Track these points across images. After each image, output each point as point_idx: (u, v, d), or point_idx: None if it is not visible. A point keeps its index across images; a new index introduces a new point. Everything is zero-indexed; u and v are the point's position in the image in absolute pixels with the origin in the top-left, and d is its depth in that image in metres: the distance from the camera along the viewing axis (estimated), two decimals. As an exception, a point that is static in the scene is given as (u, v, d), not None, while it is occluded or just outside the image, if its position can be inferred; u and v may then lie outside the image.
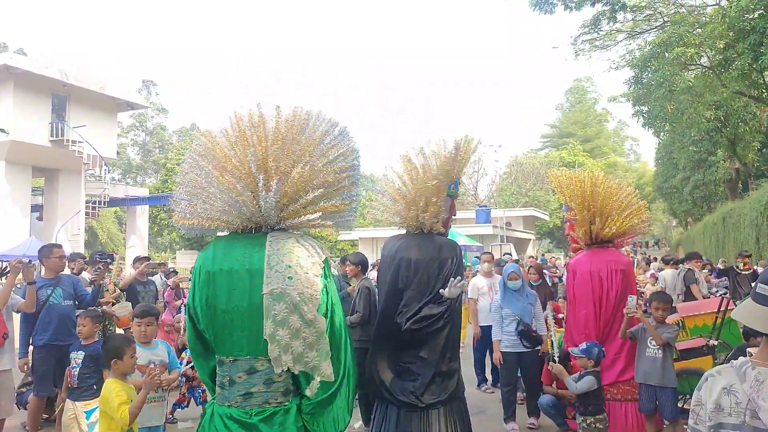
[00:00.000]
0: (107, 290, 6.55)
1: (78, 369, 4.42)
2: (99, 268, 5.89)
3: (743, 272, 9.58)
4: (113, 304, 6.15)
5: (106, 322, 6.52)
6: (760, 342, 1.69)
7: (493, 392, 6.72)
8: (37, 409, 5.08)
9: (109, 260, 6.30)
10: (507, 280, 5.42)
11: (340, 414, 2.62)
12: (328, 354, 2.51)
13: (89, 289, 5.51)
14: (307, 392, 2.52)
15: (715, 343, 6.02)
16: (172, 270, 9.72)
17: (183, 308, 8.68)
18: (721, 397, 1.66)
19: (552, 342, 4.76)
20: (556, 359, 4.60)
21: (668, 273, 9.23)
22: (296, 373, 2.50)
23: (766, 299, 1.65)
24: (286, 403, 2.52)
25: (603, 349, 4.52)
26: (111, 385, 3.23)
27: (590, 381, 4.32)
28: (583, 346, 4.48)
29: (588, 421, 4.35)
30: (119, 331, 5.94)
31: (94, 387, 4.36)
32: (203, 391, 6.01)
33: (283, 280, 2.45)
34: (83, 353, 4.45)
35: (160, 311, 6.52)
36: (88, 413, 4.10)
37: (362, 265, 5.79)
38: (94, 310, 4.99)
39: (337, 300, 2.70)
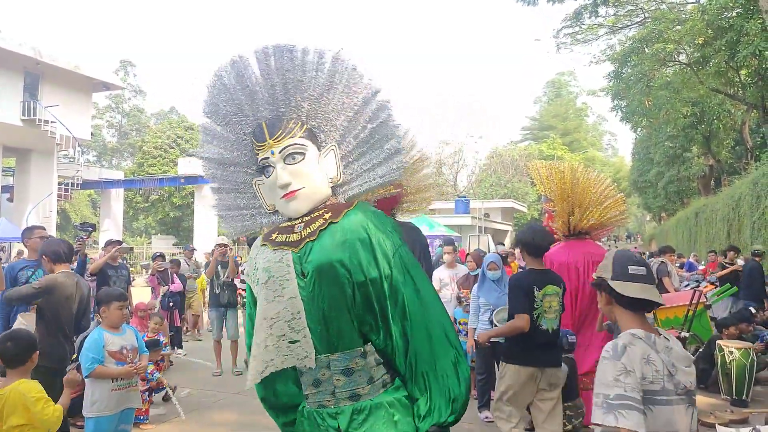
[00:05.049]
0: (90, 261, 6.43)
1: None
2: (81, 238, 5.76)
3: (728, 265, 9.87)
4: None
5: None
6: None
7: None
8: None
9: (90, 229, 6.17)
10: (486, 270, 5.44)
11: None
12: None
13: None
14: None
15: (687, 335, 6.15)
16: (159, 254, 9.46)
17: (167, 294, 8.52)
18: (644, 367, 1.81)
19: None
20: None
21: None
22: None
23: (640, 277, 1.97)
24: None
25: (572, 336, 4.53)
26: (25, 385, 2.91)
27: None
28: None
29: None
30: None
31: None
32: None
33: None
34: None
35: (129, 297, 6.42)
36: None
37: None
38: None
39: None
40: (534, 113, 67.32)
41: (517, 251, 5.69)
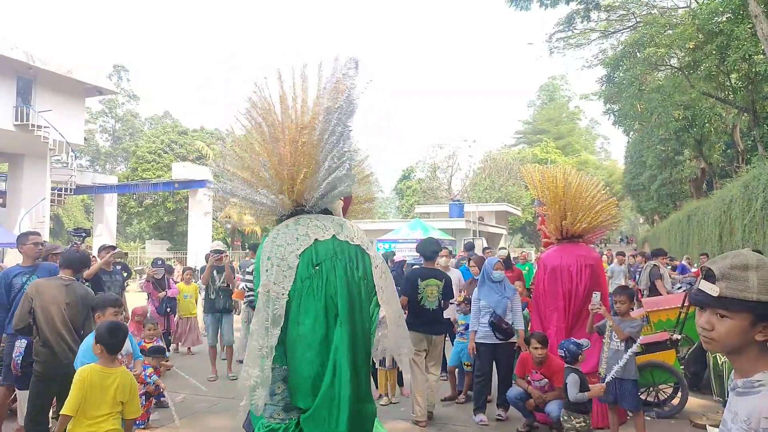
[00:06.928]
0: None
1: (21, 357, 4.30)
2: (75, 244, 5.74)
3: None
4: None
5: None
6: None
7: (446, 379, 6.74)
8: (3, 399, 4.96)
9: (84, 234, 6.17)
10: (492, 271, 5.47)
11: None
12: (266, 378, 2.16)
13: None
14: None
15: (678, 337, 6.19)
16: (160, 261, 9.37)
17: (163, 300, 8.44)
18: None
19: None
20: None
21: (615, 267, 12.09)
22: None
23: None
24: (287, 421, 2.21)
25: (577, 343, 4.54)
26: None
27: (574, 379, 4.38)
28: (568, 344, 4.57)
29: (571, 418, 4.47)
30: None
31: None
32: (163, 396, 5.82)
33: None
34: (26, 341, 4.32)
35: (124, 302, 6.40)
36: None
37: None
38: None
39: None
40: (527, 117, 67.69)
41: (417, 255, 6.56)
